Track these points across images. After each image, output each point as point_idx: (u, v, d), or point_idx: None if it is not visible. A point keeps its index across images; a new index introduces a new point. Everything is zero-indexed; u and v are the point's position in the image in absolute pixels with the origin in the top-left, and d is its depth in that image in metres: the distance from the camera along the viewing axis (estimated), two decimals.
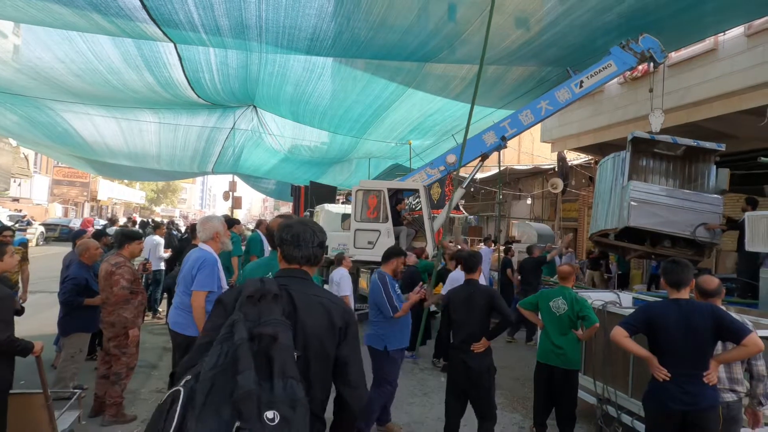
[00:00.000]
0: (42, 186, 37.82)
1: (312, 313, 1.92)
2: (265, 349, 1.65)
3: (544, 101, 9.17)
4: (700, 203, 7.97)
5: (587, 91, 8.99)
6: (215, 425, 1.51)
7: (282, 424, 1.53)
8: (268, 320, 1.73)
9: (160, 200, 70.71)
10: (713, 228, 7.82)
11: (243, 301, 1.78)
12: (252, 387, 1.53)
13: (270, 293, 1.81)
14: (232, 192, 23.53)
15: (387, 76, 9.49)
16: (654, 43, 8.38)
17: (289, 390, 1.60)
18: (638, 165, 9.50)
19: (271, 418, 1.52)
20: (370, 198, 9.77)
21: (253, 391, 1.53)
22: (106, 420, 4.80)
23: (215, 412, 1.53)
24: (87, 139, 13.63)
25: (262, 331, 1.67)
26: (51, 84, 9.16)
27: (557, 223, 19.33)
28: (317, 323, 1.91)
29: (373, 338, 4.90)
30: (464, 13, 6.83)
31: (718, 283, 3.60)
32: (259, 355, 1.64)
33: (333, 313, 1.96)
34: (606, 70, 8.68)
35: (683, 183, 9.15)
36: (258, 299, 1.79)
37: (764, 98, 8.88)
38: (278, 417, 1.53)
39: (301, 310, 1.90)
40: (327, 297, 2.03)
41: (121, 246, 5.05)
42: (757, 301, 6.55)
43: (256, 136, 14.59)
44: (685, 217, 7.95)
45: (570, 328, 4.73)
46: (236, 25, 6.88)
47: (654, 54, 8.42)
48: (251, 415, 1.50)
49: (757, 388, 3.51)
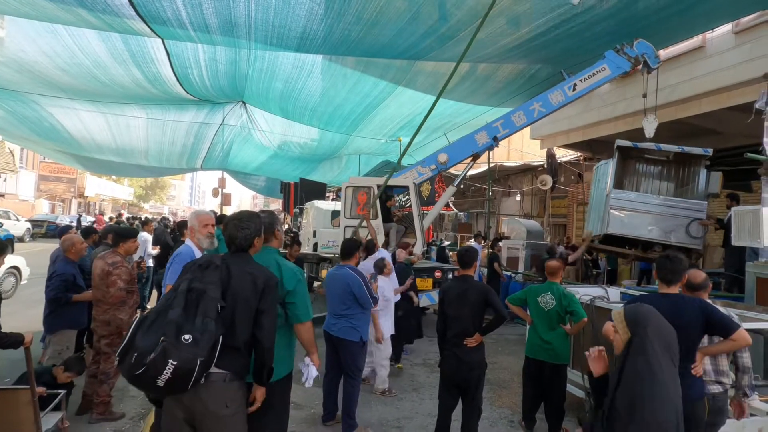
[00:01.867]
0: (28, 182, 37.34)
1: (242, 279, 2.73)
2: (196, 298, 2.54)
3: (537, 103, 9.14)
4: (682, 209, 8.09)
5: (580, 95, 8.96)
6: (152, 339, 2.39)
7: (193, 343, 2.40)
8: (205, 280, 2.62)
9: (149, 197, 70.10)
10: (706, 225, 7.90)
11: (195, 268, 2.71)
12: (175, 318, 2.44)
13: (213, 264, 2.71)
14: (221, 189, 23.43)
15: (377, 74, 9.47)
16: (648, 49, 8.38)
17: (204, 324, 2.47)
18: (634, 169, 9.66)
19: (187, 339, 2.40)
20: (360, 195, 9.76)
21: (174, 321, 2.43)
22: (94, 418, 4.76)
23: (154, 333, 2.42)
24: (74, 134, 13.48)
25: (196, 286, 2.57)
26: (36, 78, 9.05)
27: (546, 219, 19.45)
28: (244, 286, 2.72)
29: (348, 331, 4.86)
30: (459, 17, 6.78)
31: (705, 277, 3.63)
32: (191, 300, 2.52)
33: (257, 280, 2.75)
34: (600, 73, 8.67)
35: (677, 186, 9.21)
36: (205, 267, 2.69)
37: (752, 95, 8.97)
38: (191, 338, 2.41)
39: (234, 277, 2.72)
40: (256, 269, 2.82)
41: (116, 244, 4.99)
42: (743, 295, 6.64)
43: (245, 132, 14.51)
44: (666, 223, 8.11)
45: (558, 323, 4.77)
46: (225, 23, 6.83)
47: (648, 59, 8.42)
48: (171, 334, 2.39)
49: (742, 380, 3.55)
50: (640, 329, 2.32)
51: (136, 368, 2.36)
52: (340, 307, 4.91)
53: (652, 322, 2.35)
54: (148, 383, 2.41)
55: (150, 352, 2.36)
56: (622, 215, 8.34)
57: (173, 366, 2.35)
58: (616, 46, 8.41)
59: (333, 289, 4.98)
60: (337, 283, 4.94)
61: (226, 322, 2.60)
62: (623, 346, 2.36)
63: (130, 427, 4.75)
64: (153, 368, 2.34)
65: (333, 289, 4.98)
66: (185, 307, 2.48)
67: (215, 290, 2.59)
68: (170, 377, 2.36)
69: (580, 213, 16.34)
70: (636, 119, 11.46)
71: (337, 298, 4.92)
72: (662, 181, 9.50)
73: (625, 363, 2.30)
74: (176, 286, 2.61)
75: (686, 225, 7.97)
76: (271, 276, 2.84)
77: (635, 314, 2.39)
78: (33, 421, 3.59)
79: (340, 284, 4.91)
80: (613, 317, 2.46)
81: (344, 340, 4.87)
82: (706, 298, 3.53)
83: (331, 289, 5.01)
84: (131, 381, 2.45)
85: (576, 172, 17.58)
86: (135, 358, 2.37)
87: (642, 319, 2.36)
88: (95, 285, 4.88)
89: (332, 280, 5.02)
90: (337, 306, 4.93)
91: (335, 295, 4.94)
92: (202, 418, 2.62)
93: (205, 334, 2.44)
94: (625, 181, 9.60)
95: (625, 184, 9.51)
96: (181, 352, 2.37)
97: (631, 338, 2.33)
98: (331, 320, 4.98)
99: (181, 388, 2.46)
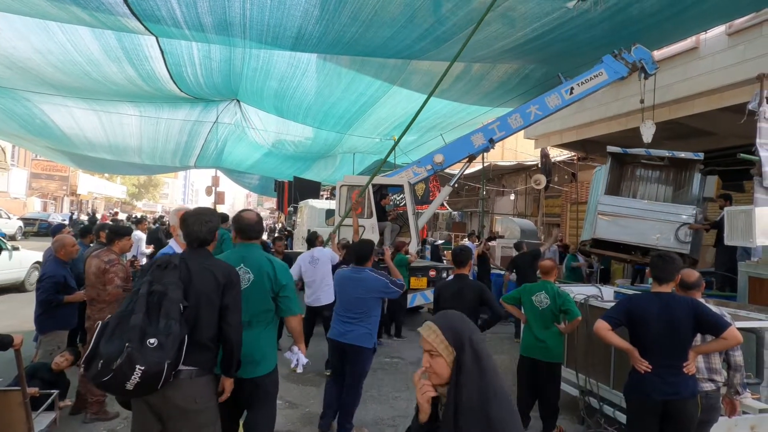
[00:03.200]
0: (20, 179, 37.01)
1: (202, 276, 2.74)
2: (158, 300, 2.53)
3: (534, 106, 9.16)
4: (669, 213, 8.18)
5: (577, 98, 8.97)
6: (116, 346, 2.40)
7: (158, 347, 2.43)
8: (165, 282, 2.60)
9: (142, 195, 69.85)
10: (695, 228, 7.97)
11: (153, 268, 2.68)
12: (138, 323, 2.44)
13: (171, 264, 2.69)
14: (214, 187, 23.34)
15: (372, 73, 9.47)
16: (646, 55, 8.42)
17: (168, 327, 2.48)
18: (632, 174, 9.73)
19: (152, 343, 2.42)
20: (355, 193, 9.76)
21: (138, 326, 2.44)
22: (88, 417, 4.74)
23: (118, 338, 2.43)
24: (66, 132, 13.39)
25: (156, 289, 2.56)
26: (28, 75, 8.98)
27: (540, 218, 19.50)
28: (205, 283, 2.73)
29: (363, 337, 4.50)
30: (456, 21, 6.76)
31: (698, 276, 3.66)
32: (153, 303, 2.52)
33: (217, 275, 2.76)
34: (597, 78, 8.70)
35: (675, 190, 9.28)
36: (164, 268, 2.66)
37: (745, 95, 9.02)
38: (156, 342, 2.43)
39: (194, 274, 2.73)
40: (215, 264, 2.85)
41: (110, 242, 4.95)
42: (735, 294, 6.69)
43: (239, 130, 14.47)
44: (653, 228, 8.21)
45: (553, 321, 4.79)
46: (220, 22, 6.80)
47: (645, 65, 8.46)
48: (135, 339, 2.41)
49: (734, 378, 3.59)
50: (465, 340, 1.70)
51: (103, 375, 2.39)
52: (353, 312, 4.54)
53: (469, 325, 1.77)
54: (117, 388, 2.45)
55: (115, 358, 2.38)
56: (609, 220, 8.49)
57: (141, 370, 2.38)
58: (614, 51, 8.39)
59: (349, 292, 4.58)
60: (357, 287, 4.53)
61: (190, 321, 2.64)
62: (449, 370, 1.70)
63: (124, 427, 4.72)
64: (120, 374, 2.38)
65: (349, 291, 4.58)
66: (147, 311, 2.50)
67: (176, 290, 2.60)
68: (139, 381, 2.40)
69: (574, 212, 16.39)
70: (629, 119, 11.52)
71: (354, 302, 4.54)
72: (660, 185, 9.53)
73: (461, 391, 1.64)
74: (136, 289, 2.61)
75: (675, 229, 8.00)
76: (231, 270, 2.87)
77: (452, 324, 1.76)
78: (25, 421, 3.56)
79: (362, 288, 4.51)
80: (425, 336, 1.75)
81: (359, 348, 4.51)
82: (699, 298, 3.56)
83: (347, 291, 4.60)
84: (99, 387, 2.50)
85: (570, 171, 17.63)
86: (101, 365, 2.40)
87: (461, 327, 1.74)
88: (90, 284, 4.82)
89: (349, 282, 4.59)
90: (352, 310, 4.55)
91: (350, 299, 4.56)
92: (171, 415, 2.68)
93: (169, 336, 2.47)
94: (623, 185, 9.64)
95: (623, 188, 9.55)
96: (147, 356, 2.40)
97: (457, 356, 1.69)
98: (341, 327, 4.58)
99: (151, 390, 2.50)
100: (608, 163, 8.99)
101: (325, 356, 7.24)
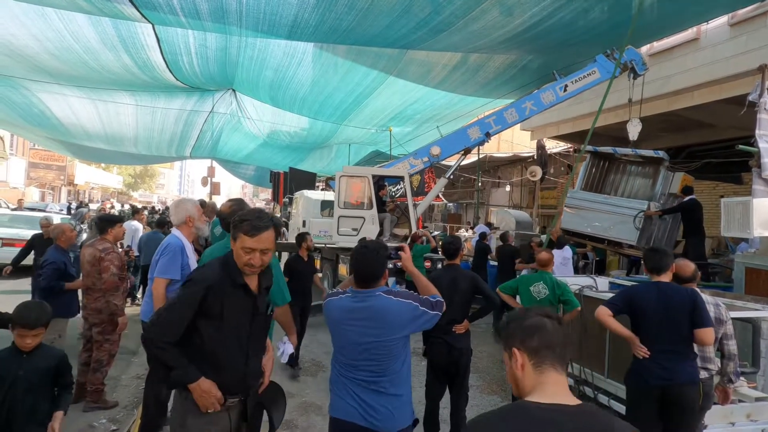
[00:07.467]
0: (18, 169, 36.73)
1: None
2: None
3: (529, 102, 9.43)
4: (623, 207, 8.99)
5: (571, 95, 9.24)
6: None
7: None
8: None
9: (138, 185, 69.51)
10: (651, 215, 8.60)
11: None
12: None
13: None
14: (210, 178, 23.29)
15: (368, 63, 9.42)
16: (637, 56, 8.76)
17: None
18: (617, 169, 10.46)
19: None
20: (354, 184, 9.74)
21: None
22: (87, 406, 4.76)
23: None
24: (63, 121, 13.35)
25: None
26: (25, 62, 8.92)
27: (535, 210, 19.54)
28: None
29: (390, 417, 2.74)
30: (452, 10, 6.71)
31: (694, 268, 3.75)
32: None
33: None
34: (590, 76, 9.02)
35: (652, 186, 9.76)
36: None
37: (746, 87, 8.99)
38: None
39: None
40: None
41: (103, 231, 4.93)
42: (731, 284, 6.76)
43: (234, 120, 14.41)
44: (607, 220, 9.12)
45: None
46: (216, 9, 6.76)
47: (635, 65, 8.77)
48: None
49: (727, 367, 3.67)
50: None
51: None
52: (364, 367, 2.68)
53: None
54: None
55: None
56: (573, 212, 9.58)
57: None
58: (606, 51, 8.66)
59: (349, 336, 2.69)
60: (365, 326, 2.64)
61: None
62: None
63: (124, 416, 4.75)
64: None
65: (349, 335, 2.68)
66: None
67: None
68: None
69: None
70: (626, 111, 11.51)
71: (361, 351, 2.65)
72: (639, 180, 10.16)
73: None
74: None
75: (633, 217, 8.68)
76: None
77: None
78: None
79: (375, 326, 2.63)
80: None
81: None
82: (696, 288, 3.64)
83: (346, 335, 2.70)
84: None
85: (566, 163, 17.65)
86: None
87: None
88: (86, 273, 4.83)
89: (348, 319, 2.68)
90: (359, 365, 2.68)
91: (354, 346, 2.67)
92: None
93: None
94: (607, 181, 10.42)
95: (606, 184, 10.36)
96: None
97: None
98: (350, 400, 2.68)
99: None
100: (588, 159, 9.73)
101: (321, 345, 7.26)
